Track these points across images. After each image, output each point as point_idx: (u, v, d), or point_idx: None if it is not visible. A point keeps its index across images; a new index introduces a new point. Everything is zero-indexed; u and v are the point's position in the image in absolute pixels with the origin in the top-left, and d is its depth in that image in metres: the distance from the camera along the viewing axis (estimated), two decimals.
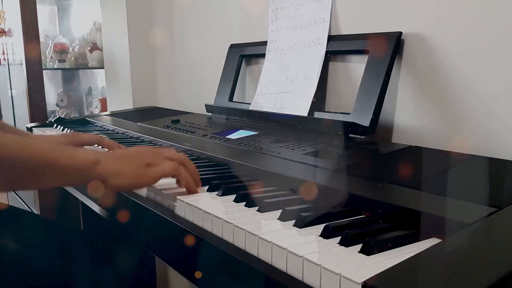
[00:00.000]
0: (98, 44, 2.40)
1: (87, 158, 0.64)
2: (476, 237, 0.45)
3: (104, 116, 1.56)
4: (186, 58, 1.57)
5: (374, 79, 0.85)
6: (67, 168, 0.63)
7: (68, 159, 0.63)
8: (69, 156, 0.63)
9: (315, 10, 1.02)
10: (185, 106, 1.54)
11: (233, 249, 0.54)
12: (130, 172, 0.66)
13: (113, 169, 0.65)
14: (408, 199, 0.55)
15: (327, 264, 0.43)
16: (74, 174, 0.64)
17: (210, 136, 1.00)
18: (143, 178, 0.67)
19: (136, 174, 0.67)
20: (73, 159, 0.63)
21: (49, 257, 0.86)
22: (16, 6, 2.22)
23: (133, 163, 0.67)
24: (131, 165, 0.67)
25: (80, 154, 0.65)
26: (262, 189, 0.68)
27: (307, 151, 0.78)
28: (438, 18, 0.80)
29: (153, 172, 0.68)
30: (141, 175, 0.67)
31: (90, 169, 0.64)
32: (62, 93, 2.75)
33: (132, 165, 0.67)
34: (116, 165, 0.66)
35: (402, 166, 0.71)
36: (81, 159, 0.64)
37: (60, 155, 0.63)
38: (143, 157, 0.68)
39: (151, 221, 0.71)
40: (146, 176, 0.67)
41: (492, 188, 0.56)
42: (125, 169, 0.66)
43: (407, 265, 0.39)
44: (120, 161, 0.67)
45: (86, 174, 0.64)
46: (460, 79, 0.78)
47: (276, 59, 1.11)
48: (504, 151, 0.71)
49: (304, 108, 0.99)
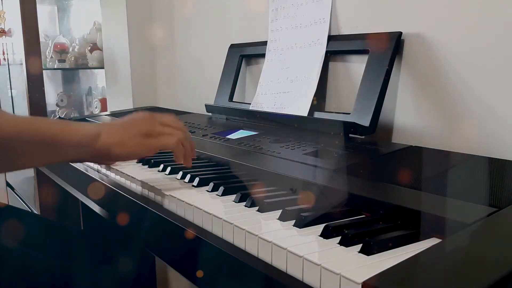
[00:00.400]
0: (98, 44, 2.40)
1: (89, 131, 0.66)
2: (476, 237, 0.45)
3: (104, 116, 1.56)
4: (186, 58, 1.57)
5: (374, 79, 0.85)
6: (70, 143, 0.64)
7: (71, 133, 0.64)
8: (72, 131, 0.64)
9: (315, 10, 1.02)
10: (185, 106, 1.54)
11: (233, 249, 0.54)
12: (131, 141, 0.67)
13: (113, 140, 0.66)
14: (408, 199, 0.55)
15: (327, 264, 0.43)
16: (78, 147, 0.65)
17: (210, 136, 1.00)
18: (143, 147, 0.68)
19: (136, 143, 0.68)
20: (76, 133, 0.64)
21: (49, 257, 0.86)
22: (16, 6, 2.22)
23: (132, 132, 0.68)
24: (130, 134, 0.68)
25: (81, 128, 0.66)
26: (262, 189, 0.68)
27: (307, 151, 0.78)
28: (438, 18, 0.80)
29: (153, 143, 0.69)
30: (141, 144, 0.68)
31: (92, 141, 0.65)
32: (62, 93, 2.75)
33: (132, 134, 0.68)
34: (116, 136, 0.67)
35: (402, 166, 0.71)
36: (83, 132, 0.65)
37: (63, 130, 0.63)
38: (142, 126, 0.69)
39: (151, 221, 0.71)
40: (146, 146, 0.68)
41: (492, 188, 0.56)
42: (125, 139, 0.67)
43: (407, 265, 0.39)
44: (120, 131, 0.68)
45: (89, 146, 0.65)
46: (460, 79, 0.78)
47: (276, 59, 1.11)
48: (504, 151, 0.71)
49: (304, 108, 0.99)
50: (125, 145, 0.67)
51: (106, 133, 0.66)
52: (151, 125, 0.69)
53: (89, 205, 0.96)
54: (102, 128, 0.67)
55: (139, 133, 0.68)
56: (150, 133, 0.68)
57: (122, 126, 0.69)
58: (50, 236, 0.93)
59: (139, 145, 0.68)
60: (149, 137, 0.68)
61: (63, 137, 0.63)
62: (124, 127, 0.69)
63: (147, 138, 0.68)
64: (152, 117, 0.71)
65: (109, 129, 0.68)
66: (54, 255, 0.87)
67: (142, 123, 0.69)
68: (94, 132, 0.66)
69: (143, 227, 0.73)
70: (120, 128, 0.69)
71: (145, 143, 0.68)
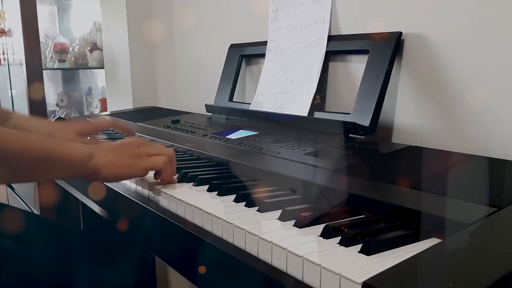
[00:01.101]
0: (98, 44, 2.40)
1: (82, 152, 0.67)
2: (476, 237, 0.45)
3: (104, 116, 1.56)
4: (186, 58, 1.57)
5: (374, 79, 0.85)
6: (63, 162, 0.66)
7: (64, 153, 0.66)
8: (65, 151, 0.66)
9: (315, 10, 1.02)
10: (185, 106, 1.54)
11: (233, 249, 0.54)
12: (121, 162, 0.70)
13: (105, 161, 0.68)
14: (408, 199, 0.55)
15: (327, 264, 0.43)
16: (70, 167, 0.67)
17: (210, 136, 1.00)
18: (133, 168, 0.71)
19: (126, 165, 0.70)
20: (69, 154, 0.66)
21: (49, 257, 0.86)
22: (16, 6, 2.22)
23: (123, 154, 0.71)
24: (121, 156, 0.70)
25: (75, 149, 0.67)
26: (262, 189, 0.68)
27: (307, 151, 0.78)
28: (438, 18, 0.80)
29: (143, 164, 0.71)
30: (131, 165, 0.70)
31: (85, 162, 0.67)
32: (62, 93, 2.75)
33: (123, 156, 0.70)
34: (108, 157, 0.69)
35: (402, 166, 0.71)
36: (76, 153, 0.67)
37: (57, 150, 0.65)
38: (133, 149, 0.72)
39: (151, 221, 0.71)
40: (136, 167, 0.71)
41: (492, 188, 0.56)
42: (116, 160, 0.69)
43: (407, 265, 0.39)
44: (112, 153, 0.70)
45: (81, 167, 0.67)
46: (460, 79, 0.78)
47: (276, 59, 1.11)
48: (504, 151, 0.71)
49: (304, 108, 0.99)
50: (116, 166, 0.69)
51: (98, 154, 0.68)
52: (143, 150, 0.72)
53: (89, 205, 0.96)
54: (95, 149, 0.69)
55: (130, 155, 0.71)
56: (140, 154, 0.71)
57: (113, 148, 0.72)
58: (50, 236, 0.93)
59: (129, 166, 0.70)
60: (139, 159, 0.71)
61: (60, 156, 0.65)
62: (115, 149, 0.71)
63: (136, 160, 0.71)
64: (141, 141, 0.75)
65: (101, 150, 0.70)
66: (54, 255, 0.87)
67: (134, 147, 0.72)
68: (88, 152, 0.68)
69: (143, 227, 0.73)
70: (112, 150, 0.71)
71: (135, 164, 0.71)
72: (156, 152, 0.73)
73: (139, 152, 0.71)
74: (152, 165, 0.72)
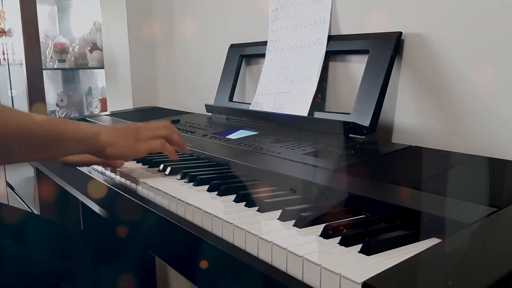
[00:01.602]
0: (98, 44, 2.40)
1: (90, 129, 0.76)
2: (476, 237, 0.45)
3: (104, 116, 1.56)
4: (186, 58, 1.57)
5: (374, 79, 0.85)
6: (74, 139, 0.74)
7: (75, 131, 0.74)
8: (76, 129, 0.74)
9: (315, 10, 1.02)
10: (185, 106, 1.54)
11: (233, 249, 0.54)
12: (124, 143, 0.78)
13: (110, 140, 0.76)
14: (408, 199, 0.55)
15: (327, 264, 0.43)
16: (80, 143, 0.75)
17: (210, 136, 1.00)
18: (134, 150, 0.78)
19: (128, 146, 0.78)
20: (79, 131, 0.74)
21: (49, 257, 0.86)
22: (16, 6, 2.22)
23: (126, 136, 0.78)
24: (124, 137, 0.78)
25: (83, 127, 0.75)
26: (262, 189, 0.68)
27: (307, 151, 0.78)
28: (438, 18, 0.80)
29: (143, 147, 0.79)
30: (132, 147, 0.78)
31: (93, 138, 0.75)
32: (62, 93, 2.75)
33: (126, 138, 0.78)
34: (113, 137, 0.77)
35: (402, 166, 0.71)
36: (85, 131, 0.75)
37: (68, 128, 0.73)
38: (135, 132, 0.79)
39: (151, 221, 0.71)
40: (136, 149, 0.79)
41: (492, 188, 0.56)
42: (120, 141, 0.77)
43: (407, 265, 0.39)
44: (116, 133, 0.78)
45: (90, 142, 0.75)
46: (460, 79, 0.78)
47: (276, 59, 1.11)
48: (504, 151, 0.71)
49: (304, 108, 0.99)
50: (119, 146, 0.77)
51: (104, 133, 0.76)
52: (144, 133, 0.80)
53: (89, 205, 0.96)
54: (102, 128, 0.77)
55: (131, 138, 0.79)
56: (140, 138, 0.79)
57: (117, 130, 0.79)
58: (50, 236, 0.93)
59: (130, 148, 0.78)
60: (139, 142, 0.79)
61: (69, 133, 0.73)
62: (119, 131, 0.79)
63: (137, 142, 0.78)
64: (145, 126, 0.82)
65: (107, 130, 0.77)
66: (54, 255, 0.87)
67: (133, 130, 0.80)
68: (95, 131, 0.75)
69: (143, 227, 0.73)
70: (116, 131, 0.78)
71: (135, 146, 0.78)
72: (154, 135, 0.80)
73: (138, 136, 0.79)
74: (150, 148, 0.79)
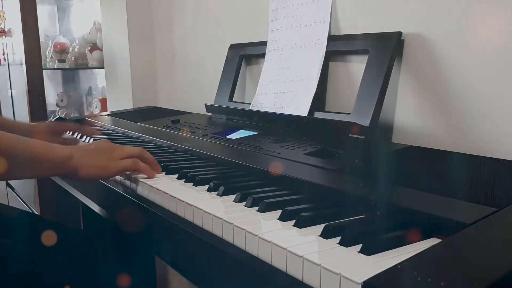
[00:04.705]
0: (98, 44, 2.40)
1: (63, 153, 0.75)
2: (476, 237, 0.45)
3: (104, 116, 1.56)
4: (186, 58, 1.57)
5: (374, 79, 0.85)
6: (47, 161, 0.74)
7: (47, 154, 0.74)
8: (49, 151, 0.74)
9: (315, 10, 1.02)
10: (185, 106, 1.54)
11: (233, 249, 0.54)
12: (95, 164, 0.78)
13: (82, 162, 0.76)
14: (408, 199, 0.55)
15: (327, 264, 0.43)
16: (52, 166, 0.75)
17: (210, 136, 1.00)
18: (106, 170, 0.79)
19: (100, 166, 0.78)
20: (51, 154, 0.74)
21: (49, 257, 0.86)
22: (16, 6, 2.22)
23: (98, 157, 0.79)
24: (96, 158, 0.79)
25: (57, 150, 0.75)
26: (262, 189, 0.68)
27: (307, 151, 0.78)
28: (438, 18, 0.80)
29: (115, 166, 0.79)
30: (104, 167, 0.79)
31: (65, 162, 0.75)
32: (62, 93, 2.75)
33: (98, 158, 0.79)
34: (84, 158, 0.77)
35: (402, 166, 0.71)
36: (58, 154, 0.75)
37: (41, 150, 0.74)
38: (109, 151, 0.80)
39: (151, 221, 0.71)
40: (108, 168, 0.79)
41: (492, 188, 0.56)
42: (91, 162, 0.78)
43: (407, 265, 0.39)
44: (88, 154, 0.78)
45: (62, 166, 0.75)
46: (460, 79, 0.78)
47: (276, 59, 1.11)
48: (504, 151, 0.71)
49: (304, 108, 0.99)
50: (90, 167, 0.77)
51: (76, 156, 0.76)
52: (115, 153, 0.80)
53: (89, 205, 0.96)
54: (73, 151, 0.77)
55: (104, 158, 0.79)
56: (112, 157, 0.80)
57: (90, 151, 0.80)
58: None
59: (104, 168, 0.79)
60: (111, 161, 0.79)
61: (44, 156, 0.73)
62: (92, 151, 0.79)
63: (109, 161, 0.79)
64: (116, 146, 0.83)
65: (78, 152, 0.78)
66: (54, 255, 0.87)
67: (107, 149, 0.81)
68: (67, 154, 0.75)
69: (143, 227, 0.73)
70: (88, 152, 0.79)
71: (107, 165, 0.79)
72: (127, 154, 0.80)
73: (112, 155, 0.80)
74: (123, 167, 0.79)
